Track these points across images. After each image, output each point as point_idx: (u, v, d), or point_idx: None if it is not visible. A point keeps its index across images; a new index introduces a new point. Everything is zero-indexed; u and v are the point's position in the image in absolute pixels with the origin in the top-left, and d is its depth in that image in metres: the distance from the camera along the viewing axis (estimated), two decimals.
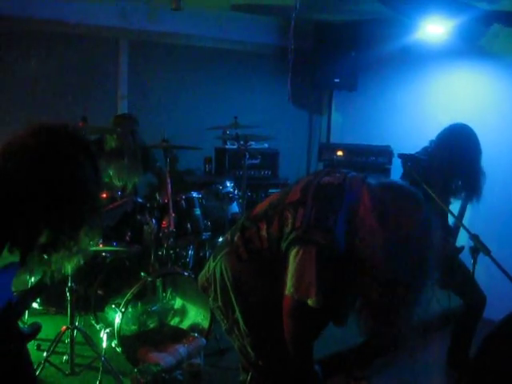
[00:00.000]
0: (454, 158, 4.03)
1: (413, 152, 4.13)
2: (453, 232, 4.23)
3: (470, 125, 4.22)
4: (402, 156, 3.73)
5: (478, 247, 3.23)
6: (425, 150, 4.24)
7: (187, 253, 5.04)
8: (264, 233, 2.78)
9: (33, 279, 4.70)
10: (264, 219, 2.81)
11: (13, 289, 2.43)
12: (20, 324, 2.50)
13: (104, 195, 4.64)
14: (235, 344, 2.99)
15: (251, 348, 2.89)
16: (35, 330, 2.57)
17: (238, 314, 2.88)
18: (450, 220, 4.16)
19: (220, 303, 2.95)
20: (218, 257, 2.95)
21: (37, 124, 2.09)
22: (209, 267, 3.01)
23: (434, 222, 2.57)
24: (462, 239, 3.97)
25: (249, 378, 3.00)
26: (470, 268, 3.44)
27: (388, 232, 2.48)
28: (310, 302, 2.57)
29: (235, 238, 2.92)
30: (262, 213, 2.88)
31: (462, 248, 4.06)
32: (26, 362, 2.56)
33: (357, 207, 2.60)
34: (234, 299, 2.88)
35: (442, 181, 3.95)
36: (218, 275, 2.92)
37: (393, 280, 2.49)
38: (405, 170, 3.91)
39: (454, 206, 4.24)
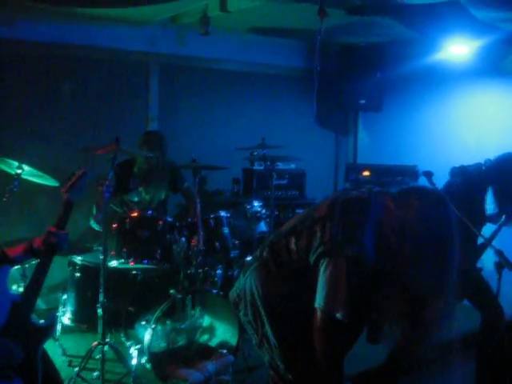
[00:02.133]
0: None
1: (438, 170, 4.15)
2: (478, 251, 4.23)
3: (495, 145, 4.23)
4: (426, 174, 3.76)
5: (503, 263, 3.25)
6: (478, 166, 4.23)
7: (215, 272, 5.09)
8: (293, 246, 2.84)
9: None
10: (293, 233, 2.88)
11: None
12: (36, 319, 2.58)
13: (135, 214, 4.75)
14: (265, 358, 3.02)
15: (281, 361, 2.91)
16: (51, 322, 2.66)
17: (267, 328, 2.92)
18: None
19: (250, 317, 2.99)
20: (248, 272, 3.01)
21: None
22: (239, 283, 3.07)
23: (454, 221, 2.63)
24: (487, 255, 3.98)
25: None
26: (496, 283, 3.45)
27: (416, 237, 2.54)
28: (339, 315, 2.61)
29: (264, 253, 2.98)
30: (290, 228, 2.95)
31: (481, 269, 4.08)
32: (48, 358, 2.64)
33: (384, 218, 2.66)
34: (263, 313, 2.92)
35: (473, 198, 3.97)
36: (247, 290, 2.98)
37: (422, 289, 2.54)
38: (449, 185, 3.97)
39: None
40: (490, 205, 4.19)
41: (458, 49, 5.71)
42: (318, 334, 2.71)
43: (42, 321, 2.64)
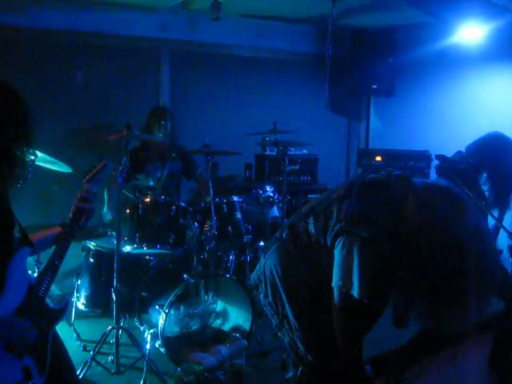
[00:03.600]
0: (486, 160, 4.03)
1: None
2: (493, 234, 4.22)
3: (508, 129, 4.21)
4: (439, 157, 3.75)
5: None
6: (458, 153, 4.25)
7: (228, 257, 5.11)
8: (311, 227, 2.86)
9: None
10: (312, 214, 2.90)
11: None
12: (49, 302, 2.62)
13: (148, 199, 4.77)
14: (285, 339, 3.03)
15: (300, 342, 2.93)
16: (64, 305, 2.70)
17: (287, 309, 2.94)
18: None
19: (270, 299, 3.01)
20: (268, 253, 3.04)
21: None
22: (260, 265, 3.10)
23: (480, 219, 2.62)
24: (501, 239, 3.98)
25: (299, 373, 3.05)
26: (509, 266, 3.45)
27: (433, 231, 2.53)
28: (355, 294, 2.62)
29: (284, 234, 3.01)
30: (309, 209, 2.97)
31: (501, 251, 4.06)
32: (62, 347, 2.68)
33: (401, 204, 2.65)
34: (283, 294, 2.94)
35: (472, 184, 3.96)
36: (267, 271, 3.00)
37: (438, 274, 2.53)
38: (440, 172, 3.93)
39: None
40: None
41: (470, 32, 5.67)
42: (336, 313, 2.73)
43: (55, 305, 2.68)
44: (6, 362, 2.30)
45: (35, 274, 4.73)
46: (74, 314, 4.89)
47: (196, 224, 4.69)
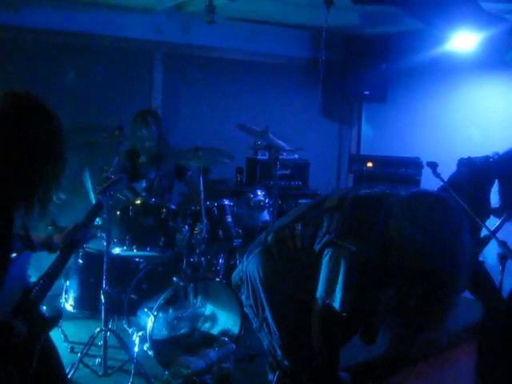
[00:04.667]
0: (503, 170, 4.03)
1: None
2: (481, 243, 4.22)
3: (499, 137, 4.23)
4: (430, 164, 3.76)
5: (507, 254, 3.26)
6: (486, 158, 4.24)
7: (218, 261, 5.11)
8: (298, 233, 2.87)
9: None
10: (300, 221, 2.90)
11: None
12: (42, 309, 2.59)
13: (139, 201, 4.76)
14: (264, 342, 3.05)
15: (278, 346, 2.94)
16: (57, 314, 2.67)
17: (267, 313, 2.95)
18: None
19: (251, 301, 3.02)
20: (251, 256, 3.04)
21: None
22: (242, 266, 3.10)
23: (465, 225, 2.61)
24: (490, 247, 3.98)
25: (275, 378, 3.05)
26: (499, 274, 3.46)
27: (418, 237, 2.53)
28: (336, 306, 2.63)
29: (269, 238, 3.00)
30: (298, 215, 2.97)
31: (482, 262, 4.09)
32: (52, 346, 2.65)
33: (388, 216, 2.66)
34: (263, 298, 2.95)
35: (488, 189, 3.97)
36: (249, 274, 3.01)
37: (425, 284, 2.53)
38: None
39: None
40: (494, 198, 4.20)
41: (463, 40, 5.69)
42: (316, 323, 2.74)
43: (44, 307, 2.65)
44: None
45: None
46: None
47: (186, 227, 4.67)
